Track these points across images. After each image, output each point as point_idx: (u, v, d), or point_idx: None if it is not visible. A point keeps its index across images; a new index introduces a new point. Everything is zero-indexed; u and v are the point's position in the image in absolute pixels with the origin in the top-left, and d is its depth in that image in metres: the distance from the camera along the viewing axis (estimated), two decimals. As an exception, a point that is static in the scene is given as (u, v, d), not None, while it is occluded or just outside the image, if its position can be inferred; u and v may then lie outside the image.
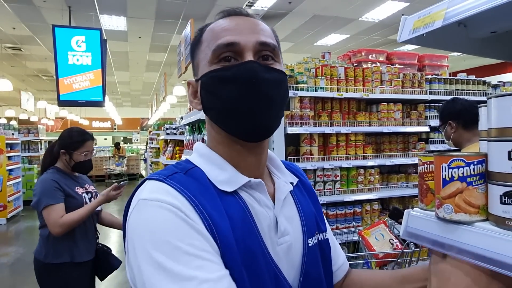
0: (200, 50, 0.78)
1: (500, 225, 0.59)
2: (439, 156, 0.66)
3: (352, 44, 9.84)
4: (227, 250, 0.64)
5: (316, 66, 3.32)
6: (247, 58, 0.72)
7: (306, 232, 0.81)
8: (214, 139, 0.79)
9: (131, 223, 0.66)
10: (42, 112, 17.16)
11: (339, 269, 0.92)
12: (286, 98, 0.79)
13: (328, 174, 3.19)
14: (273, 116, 0.75)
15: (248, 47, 0.72)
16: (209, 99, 0.75)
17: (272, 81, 0.73)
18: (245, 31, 0.73)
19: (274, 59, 0.76)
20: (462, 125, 2.35)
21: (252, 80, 0.70)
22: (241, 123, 0.72)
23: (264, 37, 0.74)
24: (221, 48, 0.72)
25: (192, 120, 3.70)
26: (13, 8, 7.00)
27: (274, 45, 0.76)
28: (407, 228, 0.73)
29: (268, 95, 0.72)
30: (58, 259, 2.28)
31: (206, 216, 0.65)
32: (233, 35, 0.72)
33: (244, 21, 0.76)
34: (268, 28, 0.79)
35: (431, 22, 0.69)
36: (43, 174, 2.38)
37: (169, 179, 0.69)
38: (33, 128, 10.31)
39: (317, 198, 0.94)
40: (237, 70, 0.71)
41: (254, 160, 0.78)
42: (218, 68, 0.73)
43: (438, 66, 4.16)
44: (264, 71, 0.72)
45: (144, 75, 14.07)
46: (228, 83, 0.71)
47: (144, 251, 0.61)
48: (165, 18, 7.73)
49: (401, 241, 2.23)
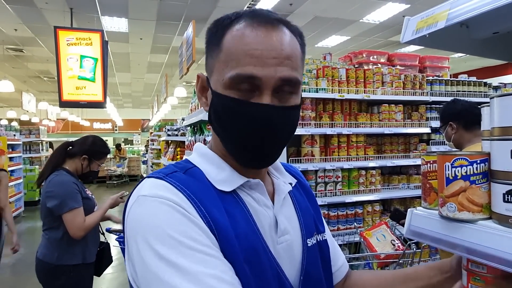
0: (217, 56, 0.72)
1: (503, 223, 0.59)
2: (443, 155, 0.67)
3: (353, 45, 9.84)
4: (227, 245, 0.65)
5: (317, 67, 3.33)
6: (265, 96, 0.68)
7: (305, 232, 0.81)
8: (216, 144, 0.79)
9: (131, 218, 0.66)
10: (43, 113, 17.18)
11: (338, 270, 0.93)
12: (295, 128, 0.77)
13: (330, 175, 3.19)
14: (278, 151, 0.75)
15: (268, 84, 0.68)
16: (217, 118, 0.74)
17: (286, 123, 0.72)
18: (269, 61, 0.67)
19: (293, 92, 0.72)
20: (463, 125, 2.35)
21: (265, 125, 0.69)
22: (244, 153, 0.72)
23: (287, 71, 0.69)
24: (240, 79, 0.67)
25: (194, 121, 3.71)
26: (15, 10, 7.02)
27: (297, 79, 0.71)
28: (410, 227, 0.74)
29: (279, 136, 0.71)
30: (71, 261, 2.29)
31: (205, 213, 0.66)
32: (256, 65, 0.67)
33: (271, 40, 0.68)
34: (295, 47, 0.72)
35: (434, 23, 0.70)
36: (56, 175, 2.33)
37: (169, 177, 0.70)
38: (34, 129, 10.33)
39: (315, 200, 0.94)
40: (252, 111, 0.68)
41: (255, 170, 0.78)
42: (233, 98, 0.69)
43: (439, 67, 4.16)
44: (279, 116, 0.69)
45: (145, 77, 14.09)
46: (240, 118, 0.69)
47: (147, 244, 0.61)
48: (166, 20, 7.75)
49: (403, 242, 2.24)
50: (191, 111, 4.15)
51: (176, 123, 7.93)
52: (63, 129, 22.01)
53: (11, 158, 8.49)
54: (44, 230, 2.35)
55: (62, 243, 2.28)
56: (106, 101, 6.54)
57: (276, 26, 0.70)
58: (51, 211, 2.25)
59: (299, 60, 0.73)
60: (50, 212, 2.26)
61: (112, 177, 14.16)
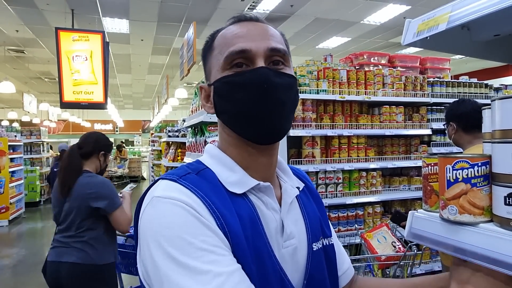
0: (212, 55, 0.80)
1: (504, 226, 0.59)
2: (444, 158, 0.66)
3: (354, 47, 9.85)
4: (238, 247, 0.66)
5: (318, 68, 3.33)
6: (259, 64, 0.74)
7: (310, 236, 0.81)
8: (225, 141, 0.80)
9: (145, 219, 0.67)
10: (44, 114, 17.20)
11: (344, 274, 0.92)
12: (297, 101, 0.81)
13: (330, 177, 3.19)
14: (285, 119, 0.76)
15: (259, 53, 0.74)
16: (222, 104, 0.77)
17: (283, 85, 0.75)
18: (256, 37, 0.75)
19: (284, 64, 0.78)
20: (462, 127, 2.36)
21: (264, 85, 0.72)
22: (254, 126, 0.74)
23: (274, 43, 0.76)
24: (233, 55, 0.74)
25: (194, 123, 3.71)
26: (17, 11, 7.04)
27: (284, 50, 0.78)
28: (411, 230, 0.74)
29: (280, 99, 0.74)
30: (111, 258, 2.35)
31: (219, 215, 0.66)
32: (245, 42, 0.74)
33: (254, 27, 0.77)
34: (278, 33, 0.80)
35: (435, 25, 0.70)
36: (89, 176, 2.35)
37: (182, 179, 0.71)
38: (35, 130, 10.35)
39: (322, 204, 0.94)
40: (249, 76, 0.73)
41: (266, 161, 0.79)
42: (231, 74, 0.75)
43: (440, 69, 4.16)
44: (275, 76, 0.74)
45: (146, 78, 14.10)
46: (241, 89, 0.73)
47: (159, 246, 0.62)
48: (167, 21, 7.76)
49: (404, 244, 2.23)
50: (192, 112, 4.15)
51: (177, 124, 7.94)
52: (64, 130, 22.05)
53: (12, 159, 8.49)
54: (79, 233, 2.29)
55: (104, 242, 2.32)
56: (107, 102, 6.54)
57: (258, 21, 0.80)
58: (97, 211, 2.27)
59: (284, 44, 0.80)
60: (95, 213, 2.28)
61: (113, 178, 14.16)
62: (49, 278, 2.32)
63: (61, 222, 2.34)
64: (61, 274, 2.26)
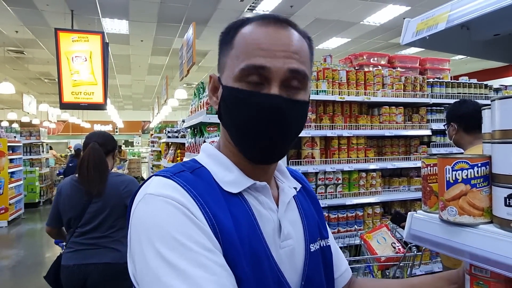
0: (229, 53, 0.74)
1: (504, 227, 0.59)
2: (443, 158, 0.66)
3: (354, 47, 9.85)
4: (230, 249, 0.65)
5: (317, 69, 3.32)
6: (274, 87, 0.69)
7: (308, 238, 0.81)
8: (225, 144, 0.79)
9: (137, 216, 0.67)
10: (44, 115, 17.20)
11: (341, 276, 0.92)
12: (304, 124, 0.78)
13: (330, 177, 3.18)
14: (287, 145, 0.75)
15: (278, 74, 0.69)
16: (227, 113, 0.74)
17: (294, 116, 0.72)
18: (278, 52, 0.70)
19: (301, 87, 0.73)
20: (463, 128, 2.36)
21: (274, 116, 0.69)
22: (253, 148, 0.72)
23: (296, 63, 0.71)
24: (250, 69, 0.69)
25: (194, 123, 3.70)
26: (16, 12, 7.04)
27: (304, 72, 0.72)
28: (410, 231, 0.73)
29: (287, 128, 0.72)
30: None
31: (210, 216, 0.66)
32: (265, 57, 0.69)
33: (279, 36, 0.71)
34: (303, 44, 0.74)
35: (435, 25, 0.69)
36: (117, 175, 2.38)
37: (176, 176, 0.70)
38: (35, 131, 10.33)
39: (319, 206, 0.94)
40: (261, 100, 0.69)
41: (262, 171, 0.78)
42: (243, 89, 0.70)
43: (440, 69, 4.16)
44: (288, 108, 0.70)
45: (146, 78, 14.10)
46: (249, 110, 0.70)
47: (150, 244, 0.62)
48: (167, 22, 7.76)
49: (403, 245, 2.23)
50: (191, 113, 4.14)
51: (177, 125, 7.93)
52: (64, 131, 22.05)
53: (11, 160, 8.48)
54: (111, 233, 2.28)
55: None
56: (107, 103, 6.54)
57: (284, 26, 0.73)
58: None
59: (308, 58, 0.75)
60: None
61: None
62: (70, 282, 2.24)
63: (82, 225, 2.26)
64: (90, 276, 2.21)
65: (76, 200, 2.28)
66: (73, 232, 2.29)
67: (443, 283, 0.81)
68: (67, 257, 2.27)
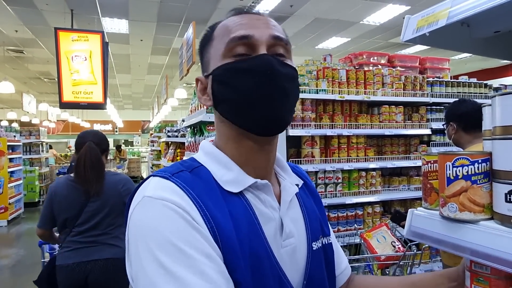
0: (211, 46, 0.77)
1: (505, 224, 0.59)
2: (444, 155, 0.66)
3: (353, 47, 9.85)
4: (229, 252, 0.64)
5: (317, 68, 3.32)
6: (261, 52, 0.72)
7: (310, 235, 0.80)
8: (223, 135, 0.78)
9: (135, 220, 0.65)
10: (43, 114, 17.19)
11: (341, 273, 0.91)
12: (298, 95, 0.79)
13: (330, 177, 3.18)
14: (287, 110, 0.74)
15: (262, 40, 0.72)
16: (222, 92, 0.74)
17: (287, 75, 0.73)
18: (258, 25, 0.74)
19: (286, 55, 0.76)
20: (463, 127, 2.37)
21: (268, 71, 0.70)
22: (256, 114, 0.70)
23: (277, 32, 0.75)
24: (235, 41, 0.72)
25: (194, 122, 3.70)
26: (16, 11, 7.03)
27: (287, 40, 0.76)
28: (411, 228, 0.73)
29: (283, 87, 0.72)
30: None
31: (210, 219, 0.64)
32: (247, 28, 0.73)
33: (256, 17, 0.76)
34: (280, 28, 0.79)
35: (435, 21, 0.69)
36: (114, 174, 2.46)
37: (175, 177, 0.68)
38: (34, 130, 10.33)
39: (321, 202, 0.93)
40: (252, 62, 0.71)
41: (264, 157, 0.76)
42: (233, 60, 0.72)
43: (440, 69, 4.16)
44: (279, 65, 0.72)
45: (146, 78, 14.10)
46: (244, 75, 0.71)
47: (148, 249, 0.60)
48: (167, 21, 7.76)
49: (403, 244, 2.23)
50: (191, 112, 4.14)
51: (176, 124, 7.94)
52: (64, 130, 22.04)
53: (11, 159, 8.48)
54: (109, 230, 2.31)
55: None
56: (107, 103, 6.53)
57: (259, 15, 0.78)
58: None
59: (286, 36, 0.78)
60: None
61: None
62: (70, 281, 2.24)
63: (80, 224, 2.26)
64: (91, 273, 2.23)
65: (73, 200, 2.27)
66: (69, 231, 2.28)
67: (443, 280, 0.81)
68: (64, 257, 2.26)
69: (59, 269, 2.26)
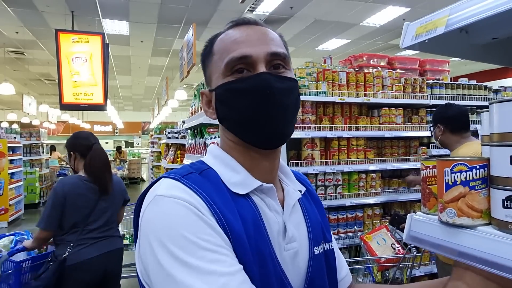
0: (211, 61, 0.80)
1: (502, 229, 0.59)
2: (442, 161, 0.67)
3: (353, 49, 9.86)
4: (240, 248, 0.66)
5: (317, 70, 3.33)
6: (260, 69, 0.73)
7: (312, 240, 0.81)
8: (227, 145, 0.80)
9: (147, 217, 0.67)
10: (44, 115, 17.20)
11: (342, 280, 0.92)
12: (299, 105, 0.81)
13: (330, 179, 3.19)
14: (288, 123, 0.77)
15: (260, 58, 0.74)
16: (224, 111, 0.77)
17: (285, 90, 0.75)
18: (255, 42, 0.75)
19: (285, 67, 0.78)
20: (450, 129, 2.54)
21: (266, 90, 0.72)
22: (257, 132, 0.74)
23: (274, 47, 0.76)
24: (234, 61, 0.74)
25: (194, 124, 3.71)
26: (16, 13, 7.05)
27: (285, 54, 0.78)
28: (410, 232, 0.74)
29: (282, 103, 0.74)
30: None
31: (220, 216, 0.66)
32: (245, 47, 0.74)
33: (253, 31, 0.77)
34: (277, 36, 0.80)
35: (434, 29, 0.70)
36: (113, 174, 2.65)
37: (185, 178, 0.70)
38: (35, 131, 10.32)
39: (323, 209, 0.94)
40: (251, 81, 0.73)
41: (268, 165, 0.79)
42: (232, 80, 0.74)
43: (439, 71, 4.17)
44: (276, 81, 0.73)
45: (146, 79, 14.11)
46: (243, 95, 0.73)
47: (162, 245, 0.62)
48: (167, 23, 7.77)
49: (403, 246, 2.23)
50: (192, 114, 4.15)
51: (177, 126, 7.93)
52: (64, 132, 22.03)
53: (11, 161, 8.48)
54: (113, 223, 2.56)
55: None
56: (107, 104, 6.54)
57: (253, 24, 0.79)
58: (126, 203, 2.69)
59: (282, 45, 0.80)
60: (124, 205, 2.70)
61: (113, 180, 14.10)
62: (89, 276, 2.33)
63: (91, 222, 2.40)
64: (109, 264, 2.43)
65: (89, 199, 2.42)
66: (81, 230, 2.36)
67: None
68: (83, 253, 2.32)
69: (79, 267, 2.30)
